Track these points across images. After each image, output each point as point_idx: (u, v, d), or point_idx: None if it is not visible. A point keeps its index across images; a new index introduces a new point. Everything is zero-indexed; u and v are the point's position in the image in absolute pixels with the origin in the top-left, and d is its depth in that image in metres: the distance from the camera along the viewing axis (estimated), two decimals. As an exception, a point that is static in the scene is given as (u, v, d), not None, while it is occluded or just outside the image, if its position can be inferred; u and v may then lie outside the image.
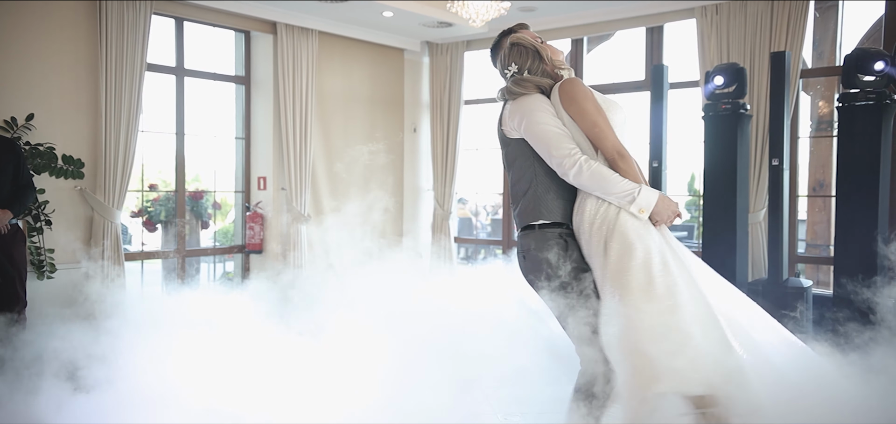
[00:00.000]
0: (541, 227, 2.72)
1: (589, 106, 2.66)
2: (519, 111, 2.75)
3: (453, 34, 7.99)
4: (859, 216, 4.75)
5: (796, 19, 6.15)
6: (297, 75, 7.15)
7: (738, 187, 5.38)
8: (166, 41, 6.71)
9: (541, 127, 2.67)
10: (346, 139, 7.85)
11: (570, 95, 2.70)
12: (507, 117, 2.81)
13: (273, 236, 7.29)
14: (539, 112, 2.70)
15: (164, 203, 7.11)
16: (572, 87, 2.70)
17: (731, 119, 5.37)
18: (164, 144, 6.86)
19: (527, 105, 2.73)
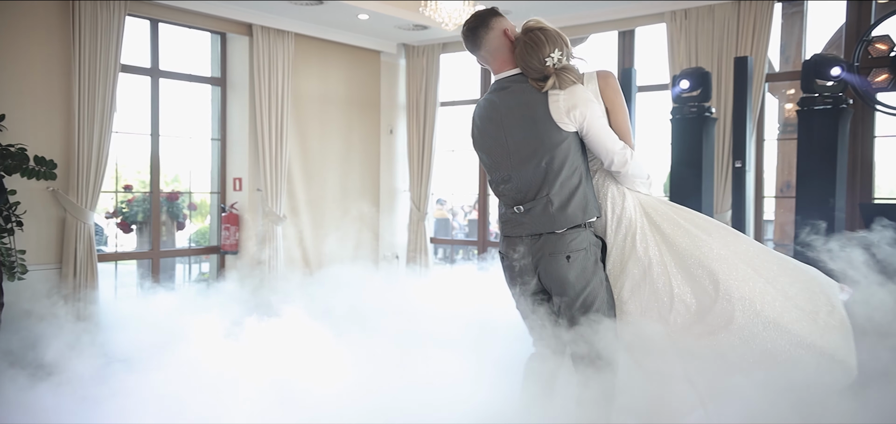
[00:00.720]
0: (588, 225, 2.65)
1: (622, 97, 2.75)
2: (577, 102, 2.56)
3: (429, 37, 8.07)
4: (818, 217, 4.88)
5: (761, 24, 6.31)
6: (272, 77, 7.19)
7: (704, 188, 5.51)
8: (141, 42, 6.72)
9: (600, 120, 2.60)
10: (323, 141, 7.90)
11: (615, 87, 2.69)
12: (558, 107, 2.57)
13: (249, 236, 7.32)
14: (595, 104, 2.60)
15: (140, 204, 7.11)
16: (613, 77, 2.74)
17: (697, 122, 5.49)
18: (140, 146, 6.87)
19: (583, 96, 2.58)
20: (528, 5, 7.12)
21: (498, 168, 2.74)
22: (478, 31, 2.72)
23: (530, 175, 2.64)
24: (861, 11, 6.18)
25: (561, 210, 2.61)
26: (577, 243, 2.61)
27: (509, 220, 2.74)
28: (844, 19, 6.29)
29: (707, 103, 5.56)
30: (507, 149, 2.68)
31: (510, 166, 2.69)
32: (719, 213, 6.23)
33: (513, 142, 2.66)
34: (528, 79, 2.64)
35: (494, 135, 2.71)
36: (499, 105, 2.68)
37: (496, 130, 2.69)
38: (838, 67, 4.92)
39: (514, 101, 2.65)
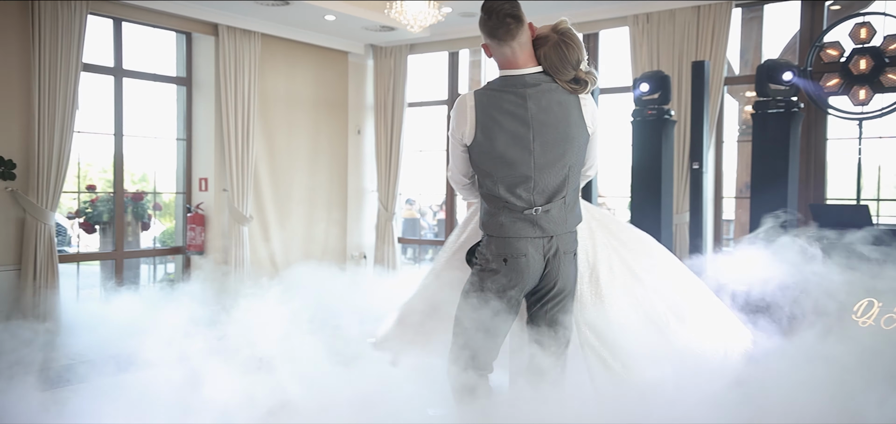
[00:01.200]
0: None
1: None
2: (595, 106, 2.70)
3: (396, 38, 8.11)
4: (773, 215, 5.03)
5: (720, 28, 6.47)
6: (239, 77, 7.17)
7: (663, 189, 5.63)
8: (104, 41, 6.65)
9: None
10: (290, 141, 7.89)
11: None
12: (587, 111, 2.63)
13: (215, 237, 7.29)
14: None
15: (105, 204, 7.04)
16: None
17: (657, 124, 5.62)
18: (104, 145, 6.80)
19: (594, 103, 2.71)
20: (493, 8, 7.19)
21: (509, 167, 2.60)
22: (513, 22, 2.57)
23: (554, 177, 2.61)
24: (814, 17, 6.38)
25: (571, 210, 2.68)
26: (576, 241, 2.74)
27: (518, 221, 2.61)
28: (798, 25, 6.48)
29: (666, 106, 5.69)
30: (530, 149, 2.58)
31: (532, 167, 2.59)
32: (679, 213, 6.37)
33: (541, 143, 2.58)
34: (557, 80, 2.60)
35: (517, 133, 2.58)
36: (529, 103, 2.58)
37: (522, 128, 2.58)
38: (790, 72, 5.08)
39: (547, 100, 2.58)
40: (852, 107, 5.66)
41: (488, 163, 2.62)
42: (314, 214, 8.20)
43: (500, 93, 2.59)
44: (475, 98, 2.60)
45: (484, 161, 2.63)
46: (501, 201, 2.62)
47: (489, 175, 2.64)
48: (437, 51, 8.35)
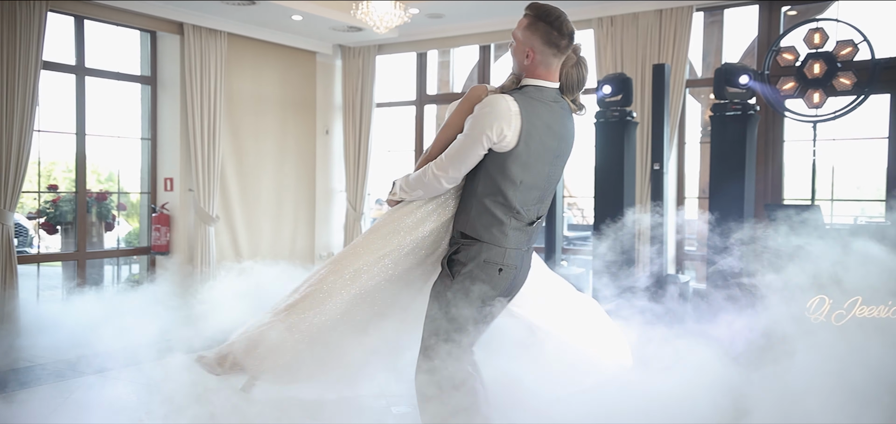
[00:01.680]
0: None
1: None
2: None
3: (365, 38, 8.12)
4: (728, 217, 5.16)
5: (681, 32, 6.60)
6: (205, 76, 7.12)
7: (625, 190, 5.74)
8: (67, 39, 6.56)
9: None
10: (257, 140, 7.86)
11: None
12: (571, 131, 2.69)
13: (180, 237, 7.24)
14: None
15: (67, 204, 6.94)
16: None
17: (619, 126, 5.72)
18: (67, 144, 6.70)
19: None
20: (458, 12, 7.25)
21: (534, 178, 2.57)
22: (572, 36, 2.57)
23: (552, 192, 2.68)
24: (771, 22, 6.54)
25: (539, 227, 2.72)
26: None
27: (519, 232, 2.58)
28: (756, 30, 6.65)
29: (628, 108, 5.79)
30: (552, 163, 2.60)
31: (547, 180, 2.61)
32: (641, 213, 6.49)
33: (559, 158, 2.62)
34: (567, 97, 2.61)
35: (551, 146, 2.57)
36: (559, 118, 2.58)
37: (555, 142, 2.58)
38: (746, 76, 5.21)
39: (566, 117, 2.62)
40: (807, 110, 5.83)
41: (519, 172, 2.53)
42: (282, 214, 8.18)
43: (542, 105, 2.54)
44: (518, 104, 2.50)
45: (516, 170, 2.53)
46: (512, 211, 2.55)
47: (513, 184, 2.54)
48: (406, 52, 8.38)
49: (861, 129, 6.33)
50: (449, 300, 2.56)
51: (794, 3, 6.63)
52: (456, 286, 2.55)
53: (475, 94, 2.60)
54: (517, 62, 2.60)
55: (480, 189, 2.55)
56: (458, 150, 2.55)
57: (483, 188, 2.55)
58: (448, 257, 2.61)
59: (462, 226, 2.59)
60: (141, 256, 7.40)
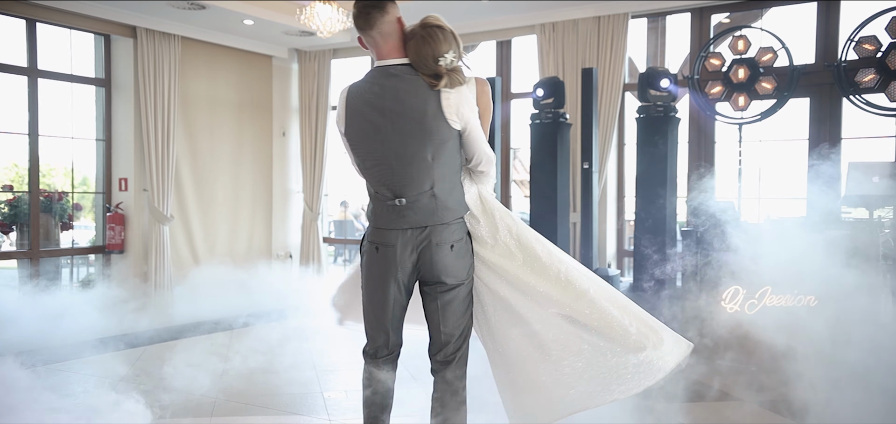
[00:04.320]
0: (460, 220, 2.76)
1: (492, 107, 2.90)
2: (464, 102, 2.64)
3: (320, 43, 8.32)
4: (652, 212, 5.45)
5: (618, 38, 6.89)
6: (158, 79, 7.28)
7: (559, 187, 5.99)
8: (18, 41, 6.69)
9: (477, 121, 2.71)
10: (212, 142, 8.02)
11: (489, 95, 2.79)
12: (449, 105, 2.61)
13: (135, 236, 7.38)
14: (476, 107, 2.71)
15: (25, 204, 7.06)
16: (489, 87, 2.87)
17: (552, 127, 5.98)
18: (21, 145, 6.83)
19: (469, 98, 2.67)
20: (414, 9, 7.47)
21: (373, 157, 2.66)
22: (372, 11, 2.60)
23: (416, 168, 2.63)
24: (702, 29, 6.86)
25: (445, 203, 2.67)
26: (459, 233, 2.72)
27: (387, 212, 2.67)
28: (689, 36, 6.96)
29: (561, 110, 6.06)
30: (388, 138, 2.62)
31: (392, 157, 2.64)
32: (575, 211, 6.76)
33: (397, 132, 2.61)
34: (419, 73, 2.61)
35: (376, 122, 2.62)
36: (386, 93, 2.61)
37: (380, 117, 2.62)
38: (667, 79, 5.49)
39: (404, 91, 2.61)
40: (733, 113, 6.13)
41: (358, 153, 2.69)
42: (239, 213, 8.34)
43: (367, 84, 2.64)
44: (349, 89, 2.66)
45: (354, 151, 2.70)
46: (372, 190, 2.70)
47: (361, 166, 2.71)
48: (360, 56, 8.59)
49: (786, 131, 6.66)
50: (357, 276, 2.89)
51: (725, 11, 6.94)
52: (359, 263, 2.83)
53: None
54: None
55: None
56: None
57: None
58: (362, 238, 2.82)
59: None
60: (95, 254, 7.52)
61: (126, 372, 4.78)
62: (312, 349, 5.20)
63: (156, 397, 4.04)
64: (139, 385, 4.40)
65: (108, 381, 4.63)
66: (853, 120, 6.30)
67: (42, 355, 5.01)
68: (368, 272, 2.73)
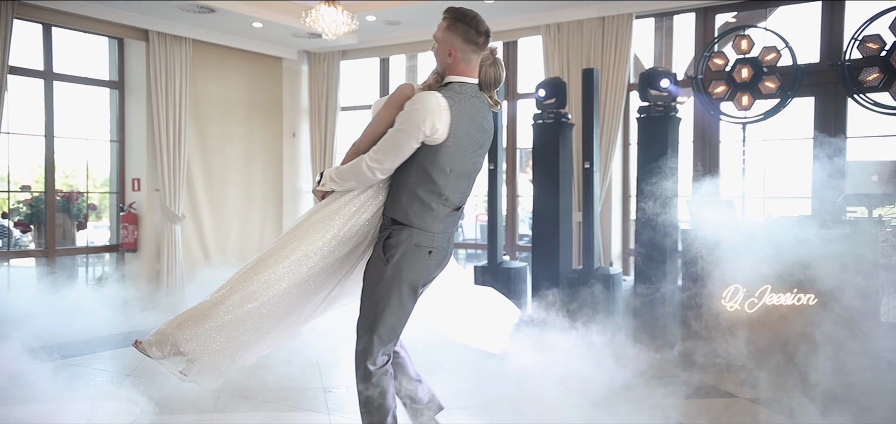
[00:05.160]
0: None
1: None
2: None
3: (329, 45, 8.43)
4: (653, 212, 5.47)
5: (622, 38, 6.92)
6: (170, 81, 7.43)
7: (561, 186, 6.04)
8: (35, 45, 6.87)
9: None
10: (223, 143, 8.16)
11: None
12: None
13: (147, 235, 7.54)
14: None
15: (42, 204, 7.24)
16: None
17: (554, 127, 6.02)
18: (35, 146, 7.01)
19: None
20: (415, 19, 7.56)
21: (462, 168, 2.78)
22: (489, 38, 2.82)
23: (475, 179, 2.88)
24: (707, 29, 6.86)
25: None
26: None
27: (445, 218, 2.78)
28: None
29: (564, 110, 6.10)
30: (477, 154, 2.83)
31: (474, 171, 2.84)
32: (579, 210, 6.79)
33: (482, 150, 2.86)
34: (485, 93, 2.83)
35: (475, 138, 2.78)
36: (481, 112, 2.80)
37: (478, 133, 2.79)
38: (667, 79, 5.52)
39: (486, 111, 2.84)
40: (737, 112, 6.13)
41: (449, 161, 2.72)
42: (249, 213, 8.48)
43: (466, 99, 2.75)
44: (447, 100, 2.68)
45: (446, 160, 2.71)
46: (442, 198, 2.74)
47: (444, 173, 2.72)
48: (368, 57, 8.69)
49: (791, 130, 6.64)
50: (383, 283, 2.72)
51: (730, 11, 6.94)
52: (389, 272, 2.71)
53: (403, 92, 2.76)
54: (440, 62, 2.79)
55: (412, 179, 2.71)
56: (394, 143, 2.68)
57: (414, 179, 2.71)
58: (383, 243, 2.75)
59: (393, 212, 2.74)
60: (110, 253, 7.69)
61: (135, 367, 4.91)
62: (314, 346, 5.30)
63: (161, 392, 4.16)
64: (145, 380, 4.52)
65: (117, 376, 4.76)
66: (858, 119, 6.28)
67: (58, 350, 5.16)
68: (411, 273, 2.74)
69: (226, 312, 2.67)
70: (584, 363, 4.11)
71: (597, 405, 3.88)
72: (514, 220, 8.01)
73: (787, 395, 4.47)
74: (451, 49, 2.72)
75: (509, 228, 8.02)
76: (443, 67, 2.78)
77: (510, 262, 6.31)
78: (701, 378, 4.93)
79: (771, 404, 4.31)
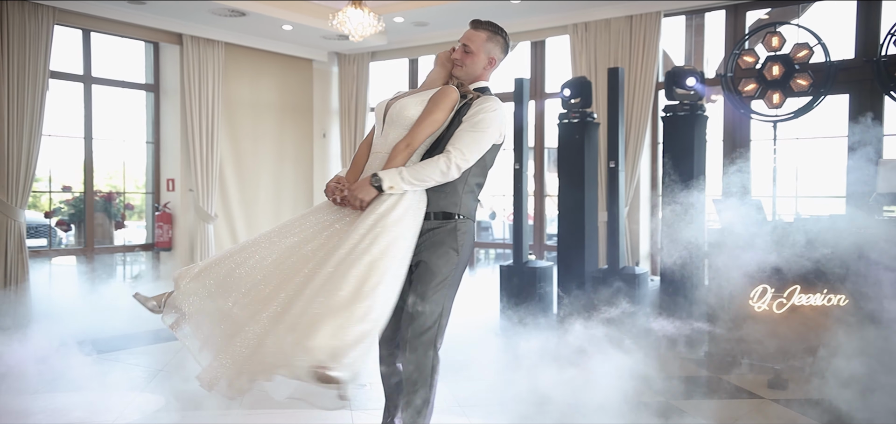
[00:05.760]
0: None
1: None
2: None
3: (358, 46, 8.53)
4: (678, 211, 5.41)
5: (650, 36, 6.86)
6: (203, 84, 7.61)
7: (586, 187, 6.01)
8: (75, 50, 7.11)
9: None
10: (255, 144, 8.32)
11: None
12: None
13: (182, 234, 7.73)
14: None
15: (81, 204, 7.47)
16: None
17: (579, 126, 6.00)
18: (75, 148, 7.25)
19: None
20: (442, 20, 7.61)
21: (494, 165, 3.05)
22: None
23: None
24: (737, 26, 6.76)
25: None
26: None
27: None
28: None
29: (589, 109, 6.08)
30: None
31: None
32: (603, 210, 6.75)
33: None
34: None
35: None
36: None
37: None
38: (693, 77, 5.45)
39: None
40: (768, 110, 6.03)
41: (493, 161, 2.95)
42: (281, 213, 8.63)
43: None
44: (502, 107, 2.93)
45: (494, 160, 2.96)
46: (479, 192, 2.96)
47: (488, 171, 2.96)
48: (397, 58, 8.77)
49: (825, 128, 6.50)
50: (455, 275, 2.81)
51: (762, 7, 6.82)
52: (461, 261, 2.83)
53: (453, 96, 2.82)
54: (474, 68, 2.89)
55: (472, 177, 2.83)
56: (479, 144, 2.78)
57: (474, 176, 2.83)
58: (450, 234, 2.79)
59: (453, 207, 2.80)
60: (145, 252, 7.91)
61: (166, 363, 5.05)
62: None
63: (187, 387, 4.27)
64: (170, 374, 4.66)
65: (147, 371, 4.90)
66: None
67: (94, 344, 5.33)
68: (466, 263, 2.90)
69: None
70: (607, 363, 4.09)
71: (619, 405, 3.86)
72: (542, 220, 8.00)
73: (814, 397, 4.39)
74: (493, 58, 2.92)
75: (537, 228, 8.01)
76: (475, 74, 2.90)
77: (536, 261, 6.30)
78: (727, 379, 4.87)
79: (798, 406, 4.23)
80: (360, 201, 2.68)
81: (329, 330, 2.45)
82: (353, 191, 2.70)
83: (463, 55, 2.89)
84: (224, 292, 2.73)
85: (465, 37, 2.92)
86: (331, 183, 2.82)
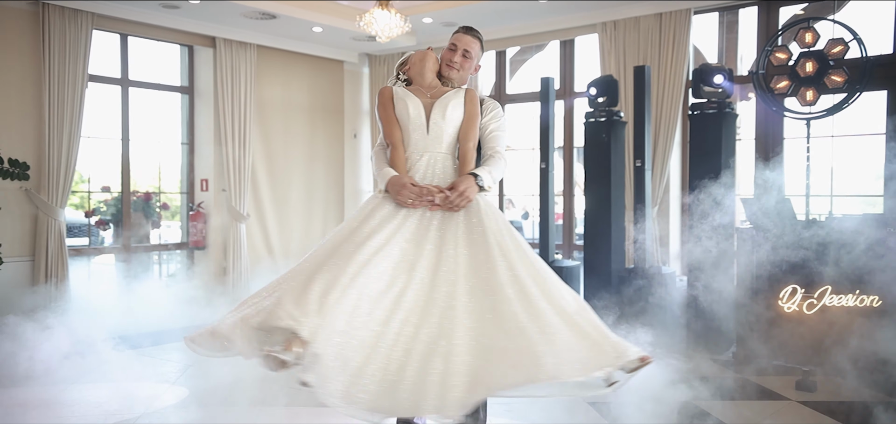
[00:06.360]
0: None
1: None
2: None
3: (388, 47, 8.60)
4: (706, 211, 5.33)
5: (680, 34, 6.76)
6: (235, 85, 7.76)
7: (613, 186, 5.96)
8: (113, 54, 7.33)
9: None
10: (287, 144, 8.46)
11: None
12: None
13: (215, 233, 7.90)
14: None
15: (119, 203, 7.70)
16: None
17: (606, 125, 5.96)
18: (113, 149, 7.48)
19: None
20: (471, 21, 7.62)
21: None
22: None
23: None
24: (769, 22, 6.62)
25: None
26: None
27: None
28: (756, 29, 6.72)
29: (616, 108, 6.02)
30: None
31: None
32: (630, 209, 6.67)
33: None
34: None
35: None
36: None
37: None
38: (721, 75, 5.36)
39: None
40: (801, 107, 5.89)
41: None
42: (312, 212, 8.76)
43: None
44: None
45: None
46: None
47: None
48: (426, 59, 8.80)
49: (863, 125, 6.33)
50: None
51: (797, 2, 6.67)
52: None
53: (477, 95, 3.03)
54: (465, 74, 3.07)
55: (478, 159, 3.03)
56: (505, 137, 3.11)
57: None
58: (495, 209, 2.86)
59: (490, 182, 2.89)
60: (180, 250, 8.10)
61: (191, 359, 5.18)
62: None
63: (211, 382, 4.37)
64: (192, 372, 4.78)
65: (176, 367, 5.03)
66: (936, 113, 5.91)
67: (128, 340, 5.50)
68: None
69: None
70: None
71: (644, 403, 3.83)
72: (570, 219, 7.95)
73: (844, 399, 4.28)
74: (478, 65, 3.13)
75: (566, 227, 7.96)
76: (465, 78, 3.09)
77: (563, 261, 6.27)
78: (755, 380, 4.78)
79: (827, 408, 4.14)
80: (469, 201, 2.76)
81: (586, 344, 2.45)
82: (464, 194, 2.74)
83: (463, 60, 3.04)
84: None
85: (465, 43, 3.04)
86: (412, 189, 2.73)
